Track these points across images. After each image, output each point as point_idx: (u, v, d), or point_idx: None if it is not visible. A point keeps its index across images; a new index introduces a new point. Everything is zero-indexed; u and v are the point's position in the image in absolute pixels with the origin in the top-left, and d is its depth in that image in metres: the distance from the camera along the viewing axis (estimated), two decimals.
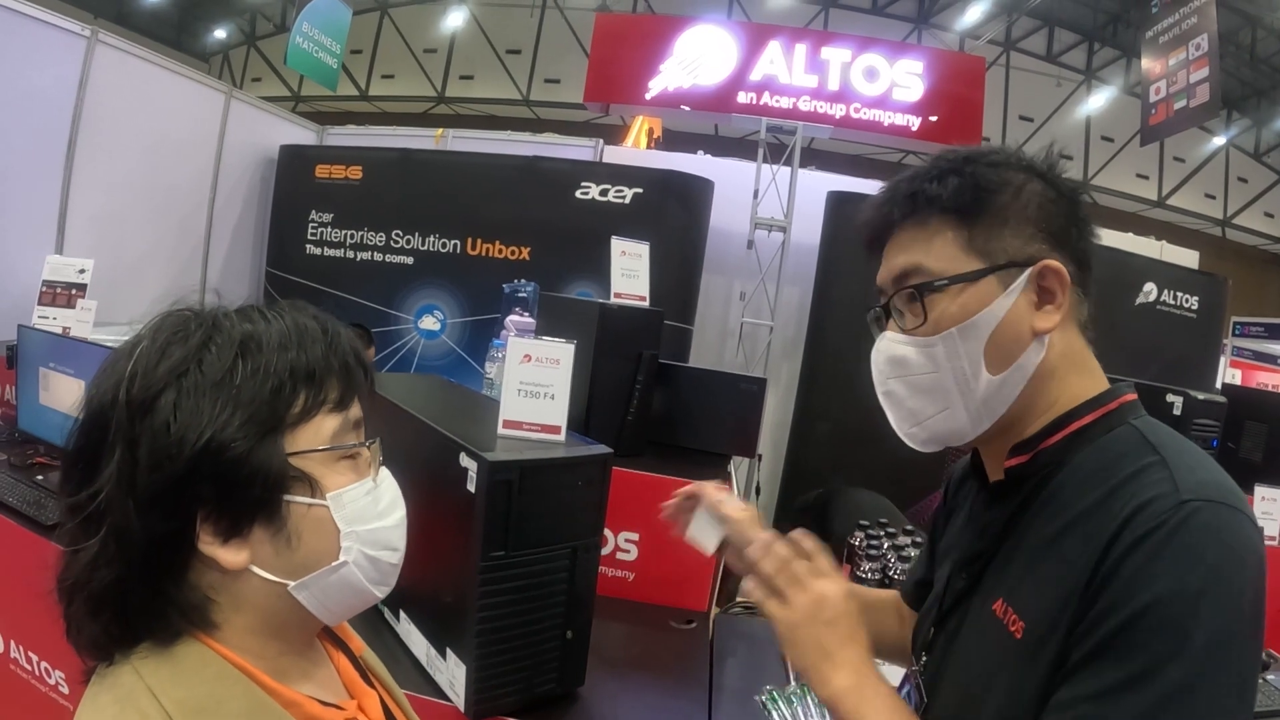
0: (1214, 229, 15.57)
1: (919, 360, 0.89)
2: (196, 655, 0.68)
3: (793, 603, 0.92)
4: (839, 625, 0.90)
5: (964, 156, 0.90)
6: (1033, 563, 0.83)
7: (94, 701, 0.67)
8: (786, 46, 5.87)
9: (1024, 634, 0.80)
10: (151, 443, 0.64)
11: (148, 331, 0.70)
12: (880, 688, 0.87)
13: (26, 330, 2.87)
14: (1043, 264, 0.85)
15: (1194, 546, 0.71)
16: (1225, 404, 3.60)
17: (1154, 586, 0.70)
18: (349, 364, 0.76)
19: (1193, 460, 0.78)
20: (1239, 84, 14.01)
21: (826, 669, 0.88)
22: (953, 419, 0.89)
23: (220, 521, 0.67)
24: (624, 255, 2.25)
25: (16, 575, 2.19)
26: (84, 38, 4.16)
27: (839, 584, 0.93)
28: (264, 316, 0.73)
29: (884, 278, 0.94)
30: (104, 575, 0.66)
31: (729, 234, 5.33)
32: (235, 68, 17.37)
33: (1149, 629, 0.69)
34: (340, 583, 0.74)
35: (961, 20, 14.34)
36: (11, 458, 2.61)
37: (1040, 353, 0.85)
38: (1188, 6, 6.42)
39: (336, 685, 0.83)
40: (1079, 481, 0.82)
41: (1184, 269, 5.48)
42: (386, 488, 0.79)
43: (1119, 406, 0.86)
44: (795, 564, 0.94)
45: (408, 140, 5.95)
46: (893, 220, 0.92)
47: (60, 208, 4.17)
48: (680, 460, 2.22)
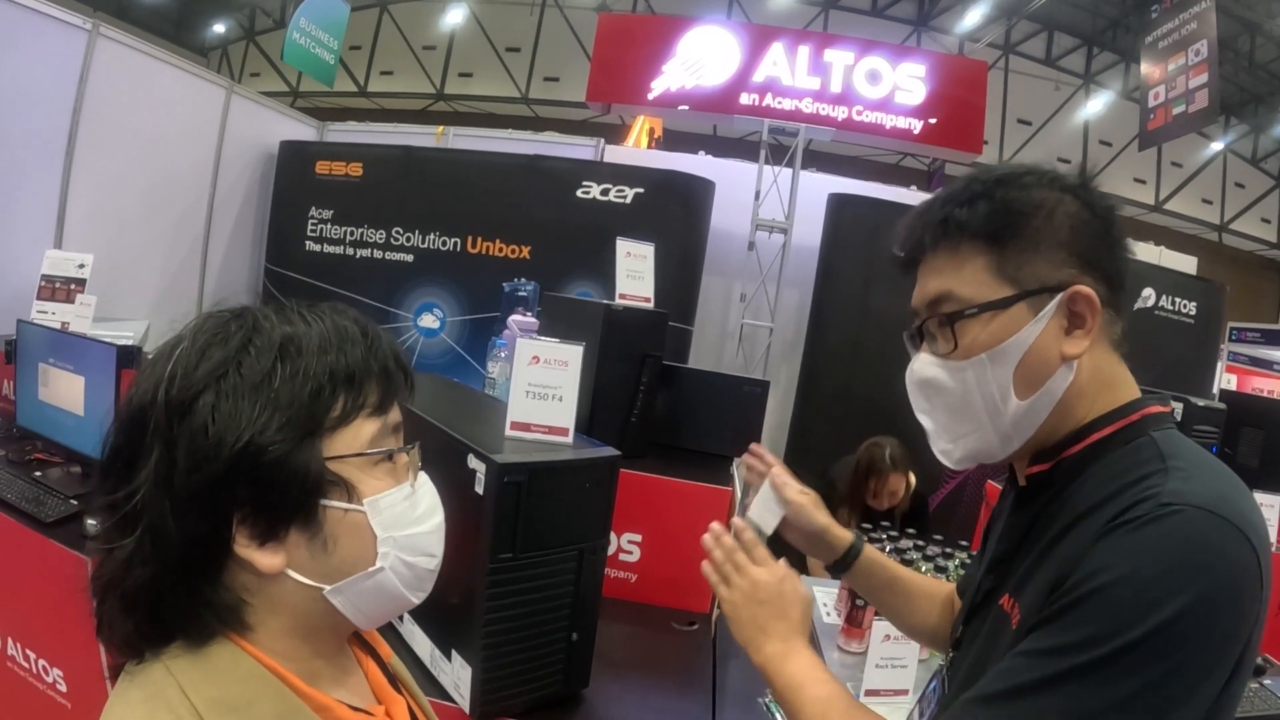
0: (1211, 234, 15.61)
1: (950, 383, 0.91)
2: (229, 655, 0.68)
3: (734, 585, 1.09)
4: (770, 605, 1.06)
5: (996, 178, 0.89)
6: (1038, 561, 0.85)
7: (124, 698, 0.67)
8: (789, 48, 5.88)
9: (1018, 625, 0.83)
10: (190, 444, 0.64)
11: (189, 332, 0.70)
12: (802, 654, 1.02)
13: (25, 325, 2.85)
14: (1073, 290, 0.84)
15: (1159, 543, 0.72)
16: (1224, 410, 3.62)
17: (1109, 571, 0.72)
18: (389, 368, 0.75)
19: (1195, 471, 0.78)
20: (1237, 90, 14.04)
21: (760, 639, 1.05)
22: (983, 439, 0.91)
23: (257, 524, 0.67)
24: (629, 256, 2.24)
25: (14, 572, 2.18)
26: (85, 31, 4.15)
27: (772, 571, 1.09)
28: (304, 319, 0.72)
29: (918, 300, 0.95)
30: (139, 574, 0.65)
31: (730, 235, 5.33)
32: (234, 63, 17.32)
33: (1091, 608, 0.72)
34: (376, 588, 0.73)
35: (961, 23, 14.33)
36: (10, 454, 2.60)
37: (1069, 377, 0.86)
38: (1187, 12, 6.44)
39: (365, 691, 0.83)
40: (1090, 487, 0.83)
41: (1182, 274, 5.50)
42: (425, 493, 0.79)
43: (1141, 418, 0.86)
44: (737, 554, 1.12)
45: (408, 137, 5.94)
46: (924, 245, 0.93)
47: (60, 202, 4.16)
48: (682, 462, 2.22)
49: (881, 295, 4.72)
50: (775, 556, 1.12)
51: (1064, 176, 0.89)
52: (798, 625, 1.06)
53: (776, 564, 1.10)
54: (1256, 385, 9.61)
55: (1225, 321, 7.62)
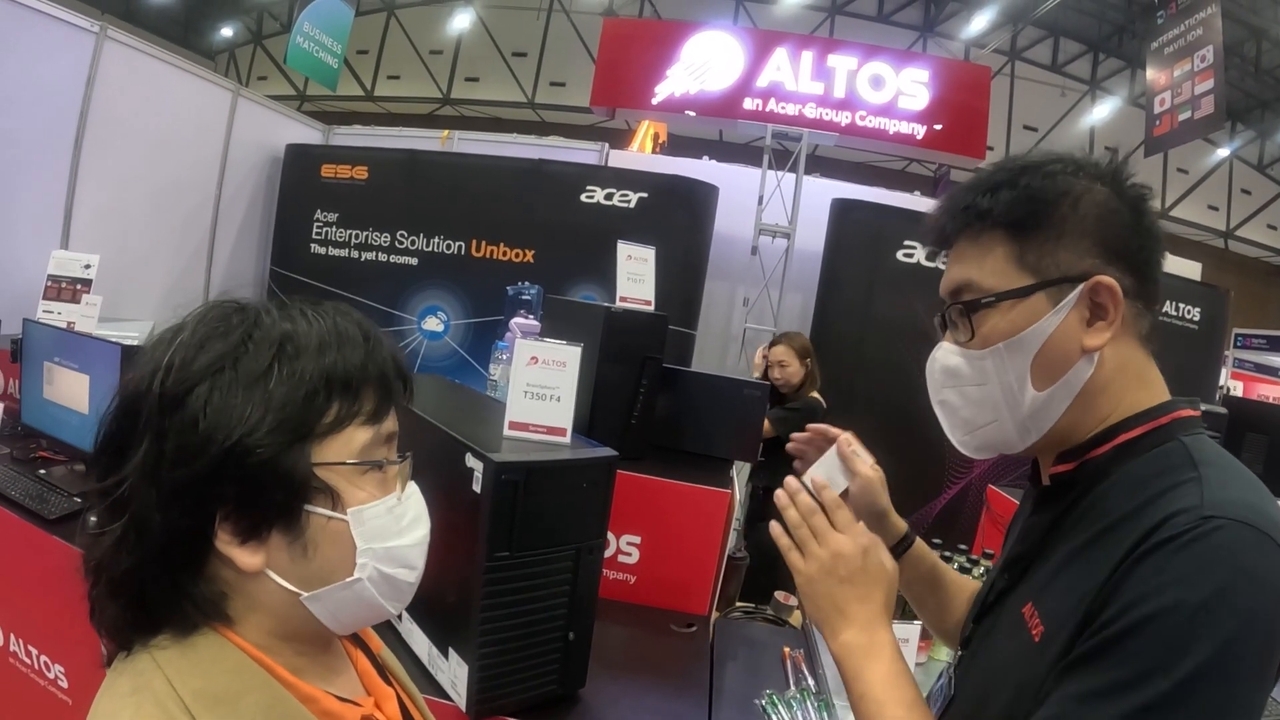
0: (1216, 241, 15.57)
1: (969, 372, 0.90)
2: (216, 646, 0.68)
3: (810, 555, 0.97)
4: (853, 583, 0.95)
5: (1021, 167, 0.88)
6: (1062, 569, 0.83)
7: (112, 689, 0.67)
8: (793, 53, 5.90)
9: (1041, 638, 0.80)
10: (179, 438, 0.64)
11: (191, 321, 0.70)
12: (886, 649, 0.92)
13: (31, 324, 2.87)
14: (1095, 280, 0.83)
15: (1205, 562, 0.69)
16: (1226, 415, 3.61)
17: (1158, 598, 0.69)
18: (387, 374, 0.74)
19: (1230, 479, 0.76)
20: (1243, 96, 14.01)
21: (839, 623, 0.94)
22: (1001, 430, 0.90)
23: (240, 522, 0.67)
24: (630, 259, 2.25)
25: (18, 569, 2.19)
26: (92, 34, 4.17)
27: (855, 540, 0.97)
28: (306, 317, 0.71)
29: (944, 288, 0.94)
30: (123, 561, 0.66)
31: (733, 240, 5.34)
32: (241, 66, 17.41)
33: (1144, 639, 0.68)
34: (353, 598, 0.73)
35: (967, 29, 14.34)
36: (14, 451, 2.62)
37: (1089, 369, 0.84)
38: (1193, 18, 6.43)
39: (354, 683, 0.82)
40: (1118, 493, 0.81)
41: (1186, 280, 5.47)
42: (411, 505, 0.78)
43: (1171, 422, 0.84)
44: (816, 518, 0.99)
45: (413, 141, 5.97)
46: (948, 234, 0.92)
47: (66, 203, 4.18)
48: (682, 464, 2.22)
49: (885, 301, 4.73)
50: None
51: (1095, 164, 0.88)
52: (881, 609, 0.95)
53: (860, 530, 0.99)
54: (1262, 392, 9.59)
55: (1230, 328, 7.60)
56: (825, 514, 0.99)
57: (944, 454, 4.42)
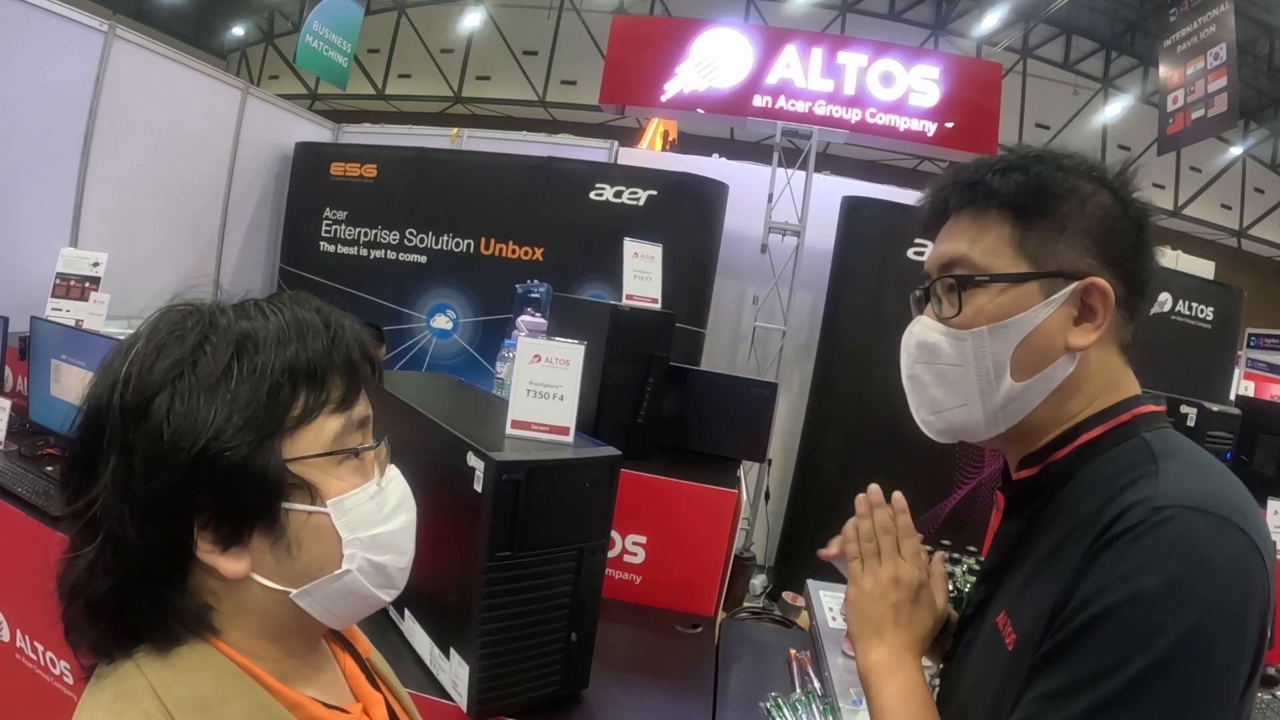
0: (1230, 239, 15.44)
1: (947, 351, 0.89)
2: (200, 654, 0.67)
3: (870, 572, 1.01)
4: (901, 610, 0.99)
5: (1036, 154, 0.88)
6: (1032, 576, 0.82)
7: (95, 698, 0.66)
8: (803, 50, 5.86)
9: (1014, 646, 0.80)
10: (146, 450, 0.62)
11: (145, 329, 0.68)
12: (911, 675, 0.94)
13: (39, 322, 2.88)
14: (1090, 281, 0.83)
15: (1158, 553, 0.69)
16: (1239, 416, 3.58)
17: (1113, 592, 0.69)
18: (352, 359, 0.72)
19: (1188, 470, 0.76)
20: (1257, 94, 13.89)
21: (873, 642, 0.98)
22: (969, 415, 0.89)
23: (219, 529, 0.65)
24: (637, 257, 2.24)
25: (24, 565, 2.20)
26: (102, 33, 4.19)
27: (917, 571, 1.01)
28: (262, 312, 0.70)
29: (931, 262, 0.93)
30: (101, 583, 0.64)
31: (743, 238, 5.32)
32: (253, 65, 17.47)
33: (1100, 635, 0.68)
34: (344, 590, 0.71)
35: (978, 27, 14.26)
36: (22, 448, 2.62)
37: (1069, 367, 0.84)
38: (1206, 16, 6.38)
39: (342, 688, 0.81)
40: (1081, 495, 0.81)
41: (1199, 279, 5.43)
42: (393, 489, 0.76)
43: (1133, 419, 0.84)
44: (887, 538, 1.03)
45: (423, 139, 5.96)
46: (949, 206, 0.91)
47: (75, 201, 4.20)
48: (689, 464, 2.21)
49: (895, 299, 4.69)
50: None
51: (1105, 170, 0.88)
52: (915, 640, 0.98)
53: (924, 564, 1.02)
54: (1275, 392, 9.49)
55: (1243, 327, 7.53)
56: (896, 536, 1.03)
57: (953, 454, 4.40)
